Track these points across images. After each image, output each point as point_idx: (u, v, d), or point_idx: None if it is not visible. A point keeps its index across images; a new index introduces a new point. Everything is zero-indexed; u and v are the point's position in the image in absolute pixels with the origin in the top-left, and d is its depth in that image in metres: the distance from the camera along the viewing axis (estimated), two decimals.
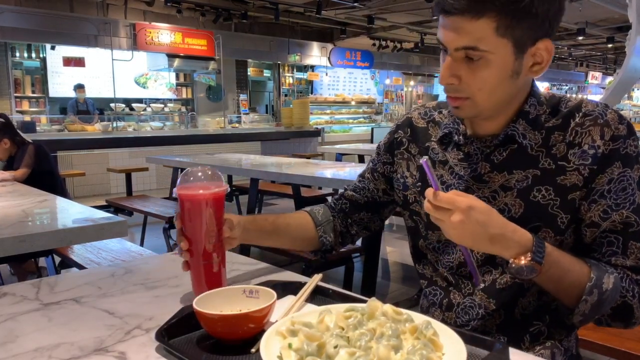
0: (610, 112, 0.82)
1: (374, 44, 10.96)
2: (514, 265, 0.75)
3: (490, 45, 0.76)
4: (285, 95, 10.68)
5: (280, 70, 10.56)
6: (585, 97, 0.89)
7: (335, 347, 0.60)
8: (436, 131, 0.98)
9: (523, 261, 0.74)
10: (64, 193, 3.31)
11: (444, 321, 0.92)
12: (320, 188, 4.34)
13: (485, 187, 0.88)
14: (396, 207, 1.10)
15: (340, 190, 1.13)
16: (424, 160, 0.74)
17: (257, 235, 1.01)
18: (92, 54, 7.89)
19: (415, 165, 1.00)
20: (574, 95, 0.91)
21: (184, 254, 0.88)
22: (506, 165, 0.86)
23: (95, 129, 6.89)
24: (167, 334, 0.72)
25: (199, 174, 0.89)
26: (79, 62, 7.80)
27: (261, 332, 0.67)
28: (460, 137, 0.91)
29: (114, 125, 7.17)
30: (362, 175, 1.11)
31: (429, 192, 0.74)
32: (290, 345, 0.61)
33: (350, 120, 11.21)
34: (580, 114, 0.83)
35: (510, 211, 0.85)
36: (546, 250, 0.75)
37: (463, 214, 0.72)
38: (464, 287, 0.92)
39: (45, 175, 3.25)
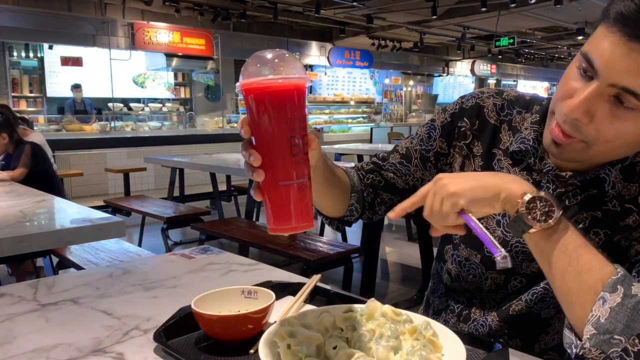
0: None
1: (373, 44, 10.97)
2: (528, 196, 0.61)
3: None
4: None
5: None
6: None
7: (334, 348, 0.60)
8: (508, 137, 0.83)
9: (540, 192, 0.61)
10: (61, 193, 3.31)
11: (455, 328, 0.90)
12: None
13: None
14: None
15: (373, 160, 0.95)
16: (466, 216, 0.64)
17: (325, 174, 0.77)
18: (90, 54, 7.88)
19: (471, 168, 0.85)
20: None
21: (257, 172, 0.61)
22: (575, 209, 0.74)
23: (93, 128, 6.89)
24: (166, 334, 0.71)
25: (269, 56, 0.61)
26: (76, 61, 7.79)
27: (260, 333, 0.66)
28: (536, 160, 0.78)
29: (112, 125, 7.17)
30: (406, 157, 0.92)
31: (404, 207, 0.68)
32: (289, 346, 0.61)
33: (350, 120, 11.21)
34: None
35: None
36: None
37: (439, 180, 0.66)
38: (489, 305, 0.87)
39: (42, 175, 3.24)
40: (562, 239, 0.61)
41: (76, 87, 7.54)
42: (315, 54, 10.53)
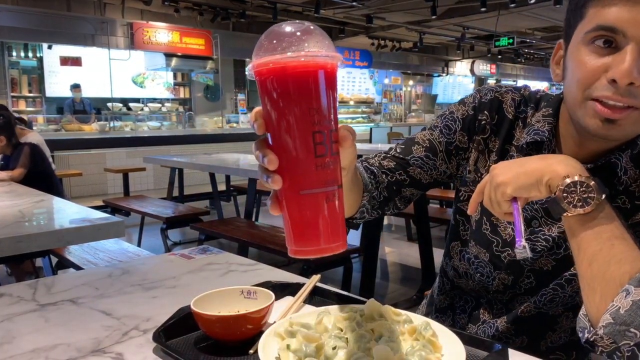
0: None
1: (372, 44, 10.96)
2: (567, 180, 0.61)
3: None
4: None
5: None
6: None
7: (334, 348, 0.60)
8: (521, 134, 0.82)
9: (577, 177, 0.61)
10: (60, 193, 3.31)
11: (461, 328, 0.90)
12: None
13: (554, 226, 0.78)
14: None
15: (392, 155, 0.89)
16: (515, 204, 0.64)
17: (353, 176, 0.72)
18: (89, 54, 7.87)
19: (485, 163, 0.85)
20: None
21: (272, 178, 0.50)
22: None
23: (92, 128, 6.88)
24: (165, 335, 0.71)
25: (288, 29, 0.49)
26: (76, 61, 7.78)
27: (259, 333, 0.66)
28: (550, 152, 0.78)
29: (111, 125, 7.16)
30: (432, 150, 0.87)
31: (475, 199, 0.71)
32: (288, 347, 0.61)
33: (349, 120, 11.21)
34: None
35: (567, 249, 0.76)
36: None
37: (492, 169, 0.68)
38: (496, 306, 0.87)
39: (41, 175, 3.24)
40: (598, 227, 0.60)
41: (75, 87, 7.53)
42: None
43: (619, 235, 0.60)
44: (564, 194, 0.61)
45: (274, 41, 0.48)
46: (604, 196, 0.60)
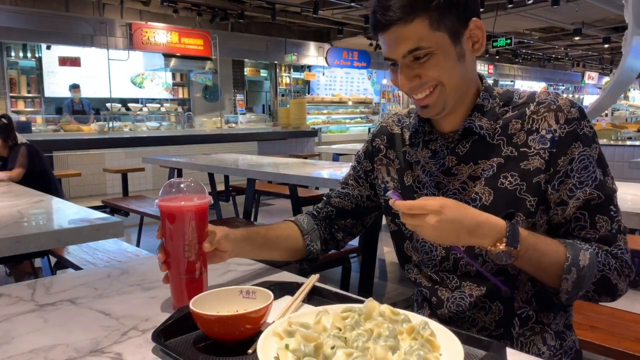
0: (561, 99, 0.89)
1: (371, 44, 10.97)
2: (493, 252, 0.79)
3: (431, 41, 0.84)
4: (282, 95, 10.67)
5: (277, 70, 10.55)
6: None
7: (333, 347, 0.60)
8: (408, 137, 1.03)
9: (500, 247, 0.78)
10: (58, 193, 3.31)
11: (436, 317, 0.96)
12: (317, 188, 4.34)
13: (454, 179, 0.93)
14: (377, 214, 1.14)
15: (324, 198, 1.16)
16: (391, 192, 0.83)
17: (250, 249, 1.00)
18: (88, 54, 7.87)
19: (395, 169, 1.03)
20: (526, 89, 0.97)
21: (162, 266, 0.86)
22: (471, 156, 0.92)
23: (91, 129, 6.87)
24: (164, 335, 0.71)
25: (182, 185, 0.88)
26: (74, 61, 7.76)
27: (258, 333, 0.67)
28: (426, 132, 0.98)
29: (110, 125, 7.15)
30: (345, 183, 1.14)
31: (400, 204, 0.79)
32: (287, 346, 0.61)
33: (347, 120, 11.22)
34: (534, 103, 0.90)
35: (482, 199, 0.89)
36: (521, 235, 0.79)
37: (437, 215, 0.77)
38: (450, 282, 0.94)
39: (38, 175, 3.24)
40: (527, 258, 0.81)
41: (74, 88, 7.52)
42: (313, 54, 10.52)
43: (541, 253, 0.81)
44: (497, 259, 0.79)
45: (173, 190, 0.87)
46: (519, 244, 0.78)
